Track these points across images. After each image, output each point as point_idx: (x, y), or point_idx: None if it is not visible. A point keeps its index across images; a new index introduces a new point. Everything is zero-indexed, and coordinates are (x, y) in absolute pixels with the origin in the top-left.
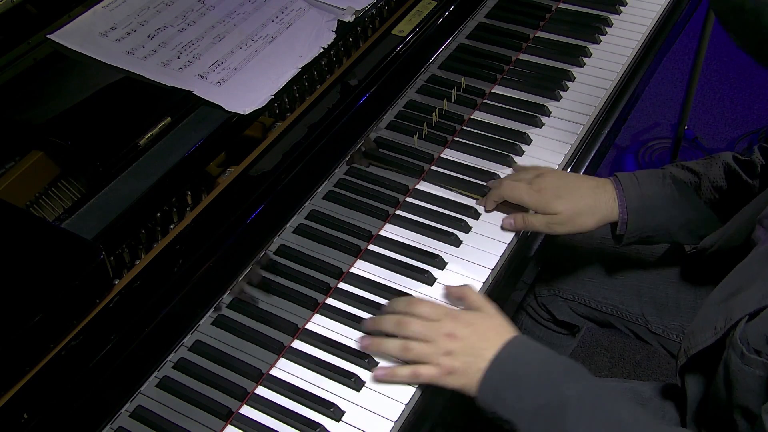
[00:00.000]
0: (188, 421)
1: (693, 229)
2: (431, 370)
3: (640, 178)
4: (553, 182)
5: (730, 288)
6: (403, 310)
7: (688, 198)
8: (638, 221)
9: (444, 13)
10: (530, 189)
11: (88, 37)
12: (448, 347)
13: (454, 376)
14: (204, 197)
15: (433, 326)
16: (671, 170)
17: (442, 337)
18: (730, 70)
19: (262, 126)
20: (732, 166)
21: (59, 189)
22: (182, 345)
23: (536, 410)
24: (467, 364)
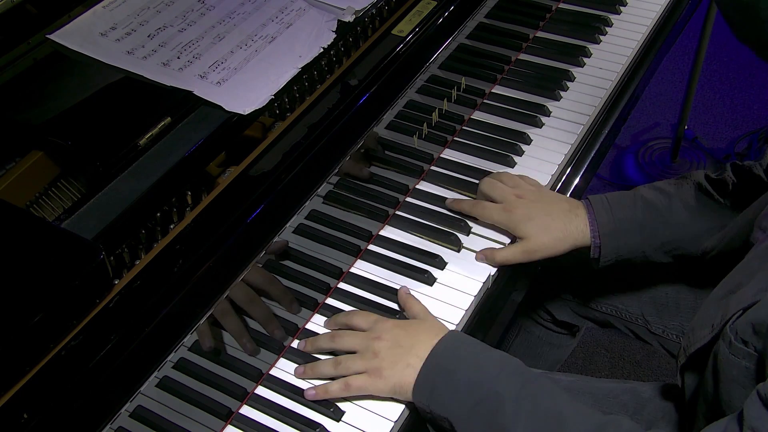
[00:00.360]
0: (188, 421)
1: (668, 250)
2: (360, 380)
3: (611, 201)
4: (525, 204)
5: (729, 286)
6: (340, 321)
7: (659, 220)
8: (611, 245)
9: (444, 13)
10: (501, 210)
11: (88, 37)
12: (375, 348)
13: (383, 378)
14: (204, 197)
15: (364, 333)
16: (642, 192)
17: (371, 340)
18: (730, 70)
19: (262, 126)
20: (703, 185)
21: (59, 189)
22: (182, 345)
23: (472, 407)
24: (394, 362)
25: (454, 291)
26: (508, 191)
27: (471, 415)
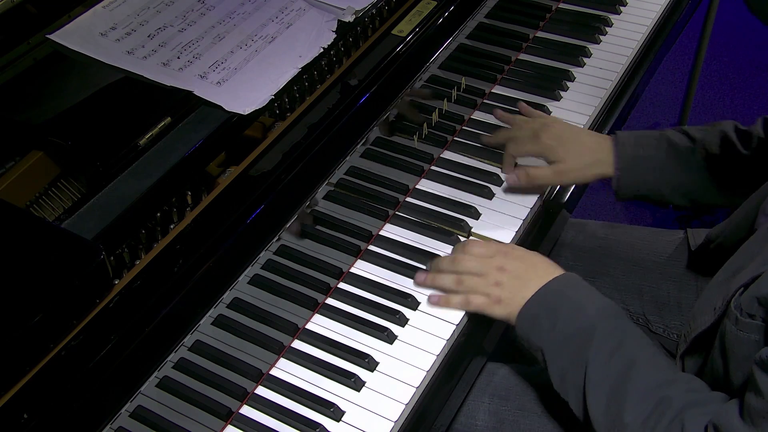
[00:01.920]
0: (188, 421)
1: (685, 192)
2: (481, 300)
3: (637, 138)
4: (556, 132)
5: (730, 271)
6: (459, 250)
7: (679, 162)
8: (629, 179)
9: (444, 13)
10: (533, 139)
11: (88, 37)
12: (498, 278)
13: (500, 305)
14: (204, 197)
15: (486, 261)
16: (669, 133)
17: (493, 270)
18: (730, 70)
19: (262, 126)
20: (729, 134)
21: (59, 189)
22: (182, 345)
23: (565, 339)
24: (513, 294)
25: None
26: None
27: (562, 347)
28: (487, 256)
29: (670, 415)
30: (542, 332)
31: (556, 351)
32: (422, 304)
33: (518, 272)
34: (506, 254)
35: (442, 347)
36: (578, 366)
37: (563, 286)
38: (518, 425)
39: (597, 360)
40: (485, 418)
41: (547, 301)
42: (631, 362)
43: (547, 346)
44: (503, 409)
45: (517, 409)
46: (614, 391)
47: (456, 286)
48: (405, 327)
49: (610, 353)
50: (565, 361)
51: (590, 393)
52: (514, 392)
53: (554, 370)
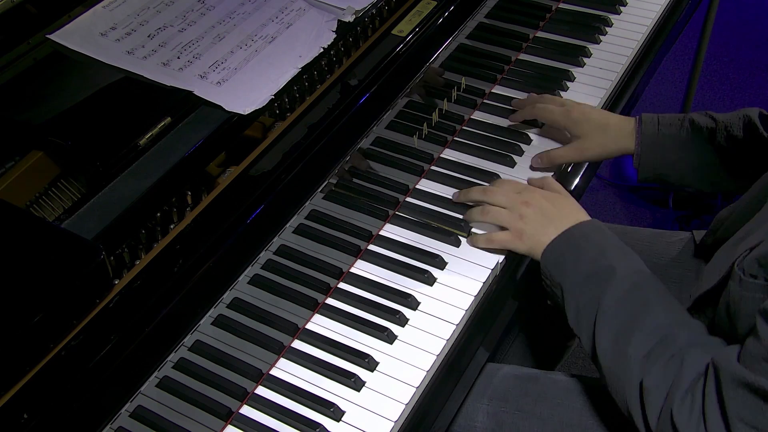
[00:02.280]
0: (188, 421)
1: (705, 174)
2: (503, 234)
3: (661, 119)
4: (585, 109)
5: (739, 236)
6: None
7: (701, 142)
8: (650, 157)
9: (444, 13)
10: (563, 112)
11: (88, 37)
12: (522, 212)
13: (522, 240)
14: (204, 197)
15: (513, 195)
16: (692, 115)
17: (519, 204)
18: (730, 70)
19: (262, 126)
20: (752, 118)
21: (59, 189)
22: (182, 345)
23: (586, 278)
24: (536, 229)
25: (454, 291)
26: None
27: (582, 284)
28: (515, 191)
29: (672, 350)
30: (565, 269)
31: (576, 288)
32: (422, 304)
33: (543, 209)
34: (533, 191)
35: (442, 347)
36: (594, 303)
37: (591, 231)
38: (517, 427)
39: (612, 298)
40: (484, 419)
41: (573, 241)
42: (644, 302)
43: (568, 282)
44: (502, 410)
45: (516, 410)
46: (623, 327)
47: (482, 215)
48: (405, 327)
49: (626, 293)
50: (583, 298)
51: (600, 327)
52: (513, 394)
53: (571, 306)
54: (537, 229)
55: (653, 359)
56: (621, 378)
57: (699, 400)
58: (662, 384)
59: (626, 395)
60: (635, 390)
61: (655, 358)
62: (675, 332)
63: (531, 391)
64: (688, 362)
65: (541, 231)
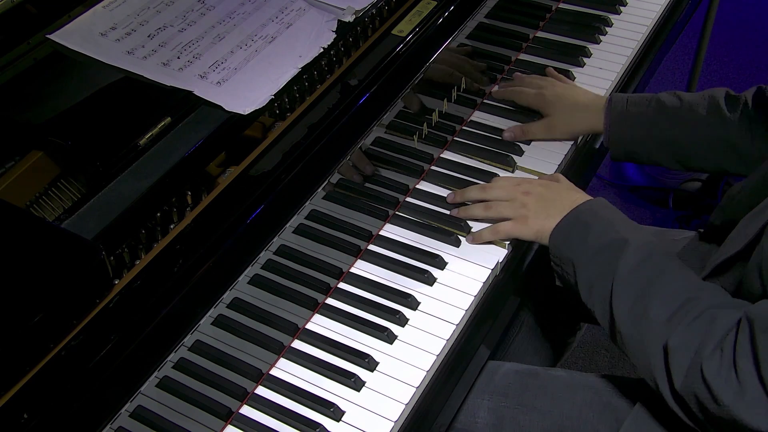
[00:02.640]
0: (188, 421)
1: (673, 152)
2: (508, 224)
3: (630, 99)
4: (558, 90)
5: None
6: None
7: (666, 119)
8: (619, 134)
9: (444, 13)
10: (536, 94)
11: (88, 37)
12: (524, 201)
13: (527, 225)
14: (204, 197)
15: (513, 188)
16: (660, 95)
17: (520, 194)
18: (730, 70)
19: (262, 126)
20: (716, 98)
21: (59, 189)
22: (182, 345)
23: (597, 251)
24: (539, 214)
25: (455, 291)
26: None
27: (593, 257)
28: (513, 184)
29: (696, 312)
30: (574, 244)
31: (587, 262)
32: (422, 304)
33: (543, 195)
34: (531, 182)
35: (442, 347)
36: (607, 275)
37: (598, 207)
38: (517, 422)
39: (626, 266)
40: (485, 415)
41: (580, 219)
42: (661, 269)
43: (578, 257)
44: (502, 406)
45: (516, 405)
46: (642, 293)
47: (485, 211)
48: (405, 327)
49: (641, 261)
50: (595, 272)
51: (617, 295)
52: (514, 389)
53: (583, 281)
54: (540, 213)
55: (677, 320)
56: (642, 342)
57: (729, 351)
58: (690, 343)
59: (649, 359)
60: (659, 352)
61: (680, 319)
62: (697, 295)
63: (531, 386)
64: (718, 319)
65: (544, 214)
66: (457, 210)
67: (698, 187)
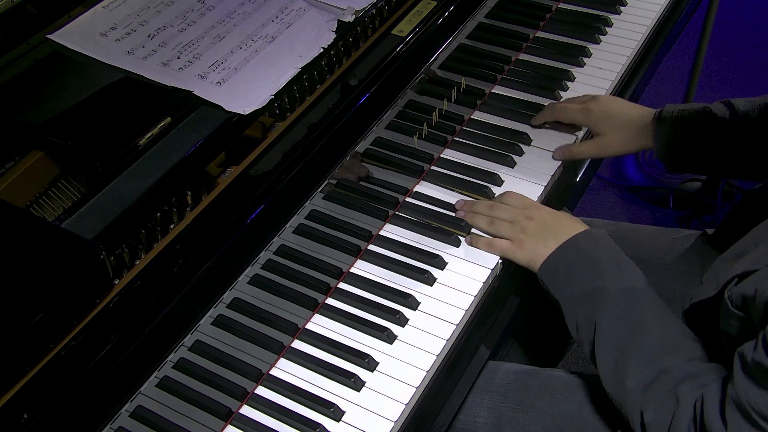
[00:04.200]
0: (188, 421)
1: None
2: (505, 244)
3: (681, 111)
4: (605, 104)
5: (737, 250)
6: (496, 199)
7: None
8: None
9: (444, 13)
10: (582, 109)
11: (88, 37)
12: (525, 226)
13: (522, 250)
14: (204, 197)
15: (518, 211)
16: (712, 106)
17: (523, 218)
18: (730, 70)
19: (262, 126)
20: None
21: (59, 189)
22: (182, 345)
23: (578, 298)
24: (536, 241)
25: (454, 291)
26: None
27: (576, 304)
28: (521, 207)
29: (669, 385)
30: (559, 287)
31: (571, 307)
32: (422, 304)
33: (545, 222)
34: (539, 207)
35: (442, 347)
36: (590, 324)
37: (583, 244)
38: (517, 421)
39: (606, 320)
40: (485, 415)
41: (567, 256)
42: (638, 324)
43: (563, 300)
44: (502, 405)
45: (516, 405)
46: (620, 354)
47: (487, 227)
48: (405, 327)
49: (619, 314)
50: (579, 317)
51: (599, 351)
52: (513, 388)
53: (570, 323)
54: (538, 240)
55: (652, 393)
56: (623, 405)
57: None
58: (663, 421)
59: (631, 418)
60: (637, 419)
61: (654, 392)
62: (670, 365)
63: (531, 385)
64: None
65: (542, 243)
66: (463, 213)
67: (698, 187)
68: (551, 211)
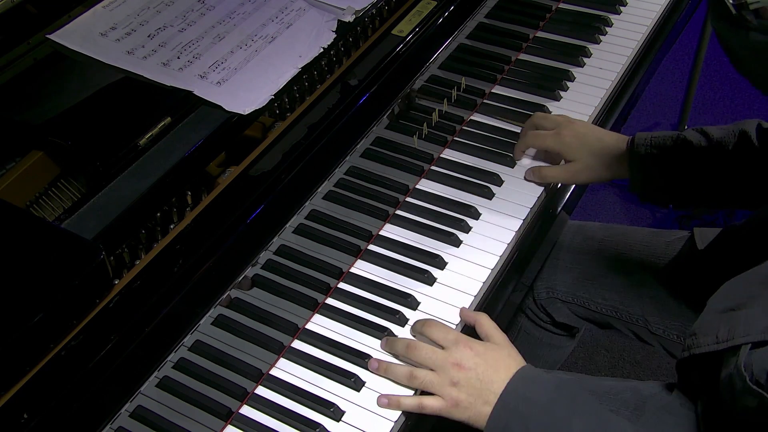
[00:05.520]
0: (188, 421)
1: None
2: (437, 402)
3: (654, 139)
4: (578, 130)
5: (730, 300)
6: (418, 330)
7: (694, 162)
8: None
9: (444, 13)
10: (554, 135)
11: (88, 37)
12: (455, 377)
13: (459, 408)
14: (204, 197)
15: (442, 354)
16: (686, 133)
17: (450, 366)
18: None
19: (262, 126)
20: (748, 132)
21: (59, 189)
22: (182, 345)
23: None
24: (473, 397)
25: (455, 291)
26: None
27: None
28: (445, 346)
29: None
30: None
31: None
32: (422, 304)
33: (477, 371)
34: (465, 347)
35: None
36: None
37: (524, 389)
38: None
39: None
40: None
41: (513, 408)
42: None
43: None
44: None
45: None
46: None
47: (409, 381)
48: (405, 327)
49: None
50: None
51: None
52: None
53: None
54: (475, 396)
55: None
56: None
57: None
58: None
59: None
60: None
61: None
62: None
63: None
64: None
65: (480, 399)
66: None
67: None
68: (478, 349)
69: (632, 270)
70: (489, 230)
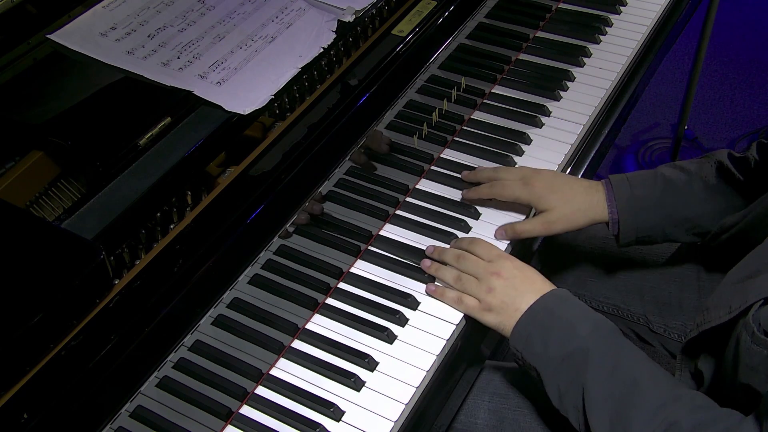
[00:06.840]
0: (188, 421)
1: (688, 228)
2: (473, 303)
3: (631, 179)
4: (547, 178)
5: (747, 270)
6: (464, 247)
7: (678, 198)
8: (630, 221)
9: (444, 13)
10: (523, 185)
11: (88, 37)
12: (492, 284)
13: (491, 313)
14: (204, 197)
15: (485, 265)
16: (663, 170)
17: (490, 274)
18: (730, 70)
19: (262, 126)
20: (724, 163)
21: (59, 189)
22: (182, 345)
23: (560, 361)
24: (505, 304)
25: None
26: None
27: (558, 368)
28: (488, 259)
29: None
30: (535, 353)
31: (552, 372)
32: (422, 304)
33: (513, 281)
34: (505, 260)
35: (442, 347)
36: (576, 387)
37: (553, 304)
38: (518, 423)
39: (596, 381)
40: (485, 416)
41: (539, 320)
42: (632, 381)
43: (542, 367)
44: (503, 407)
45: (517, 407)
46: (618, 412)
47: (454, 282)
48: (405, 327)
49: (609, 374)
50: (562, 382)
51: (592, 414)
52: (514, 390)
53: (551, 390)
54: (507, 303)
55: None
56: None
57: None
58: None
59: None
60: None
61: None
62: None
63: (531, 387)
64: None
65: (512, 307)
66: (430, 263)
67: None
68: (519, 265)
69: (634, 269)
70: (489, 230)
